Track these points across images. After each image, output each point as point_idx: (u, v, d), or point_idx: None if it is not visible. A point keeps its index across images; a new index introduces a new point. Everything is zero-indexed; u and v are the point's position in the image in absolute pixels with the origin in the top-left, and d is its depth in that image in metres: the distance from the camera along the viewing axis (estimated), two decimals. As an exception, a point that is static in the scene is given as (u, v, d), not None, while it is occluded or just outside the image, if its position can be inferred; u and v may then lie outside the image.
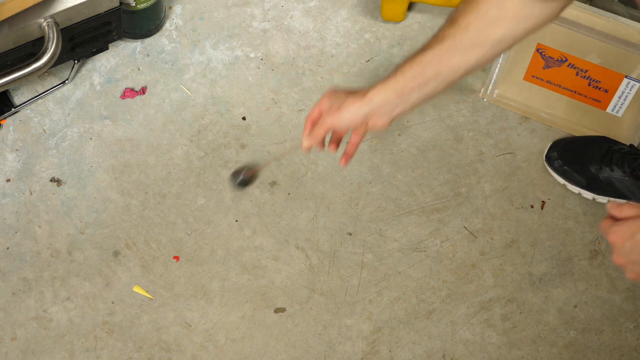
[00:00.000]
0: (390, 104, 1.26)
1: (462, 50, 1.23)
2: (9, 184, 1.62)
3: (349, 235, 1.62)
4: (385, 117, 1.27)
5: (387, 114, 1.27)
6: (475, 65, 1.24)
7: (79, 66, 1.74)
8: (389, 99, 1.26)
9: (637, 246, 1.05)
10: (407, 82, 1.24)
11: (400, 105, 1.26)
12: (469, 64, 1.23)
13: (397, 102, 1.26)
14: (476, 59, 1.23)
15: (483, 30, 1.22)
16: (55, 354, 1.50)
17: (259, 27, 1.81)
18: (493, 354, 1.55)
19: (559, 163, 1.68)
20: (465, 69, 1.23)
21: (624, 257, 1.07)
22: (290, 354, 1.53)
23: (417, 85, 1.24)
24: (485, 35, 1.23)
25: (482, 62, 1.23)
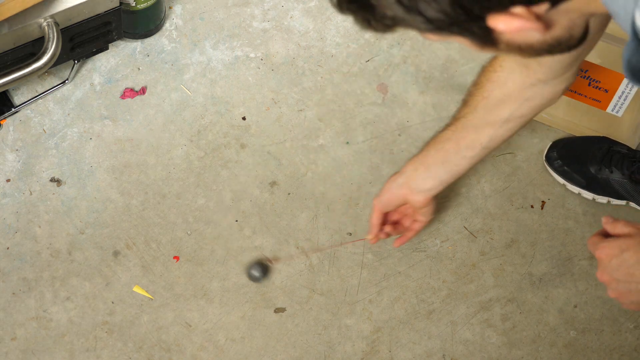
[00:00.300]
0: (419, 175, 1.43)
1: (475, 129, 1.35)
2: (9, 184, 1.62)
3: (349, 235, 1.62)
4: (418, 190, 1.44)
5: (418, 187, 1.44)
6: (490, 143, 1.36)
7: (79, 66, 1.74)
8: (417, 170, 1.42)
9: (624, 264, 1.04)
10: (431, 155, 1.41)
11: (429, 179, 1.43)
12: (484, 141, 1.36)
13: (425, 175, 1.42)
14: (489, 137, 1.35)
15: (490, 110, 1.33)
16: (55, 354, 1.50)
17: (259, 27, 1.82)
18: (493, 354, 1.55)
19: (558, 163, 1.68)
20: (482, 146, 1.36)
21: (608, 275, 1.06)
22: (290, 354, 1.53)
23: (440, 160, 1.40)
24: (493, 114, 1.33)
25: (496, 140, 1.36)
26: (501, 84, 1.30)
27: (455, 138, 1.38)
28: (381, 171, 1.68)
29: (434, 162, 1.41)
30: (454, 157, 1.39)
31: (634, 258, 1.03)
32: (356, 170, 1.68)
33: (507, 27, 0.80)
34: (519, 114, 1.33)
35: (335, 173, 1.68)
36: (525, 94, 1.30)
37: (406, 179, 1.44)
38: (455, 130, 1.37)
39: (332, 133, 1.72)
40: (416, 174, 1.43)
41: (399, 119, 1.74)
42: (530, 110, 1.33)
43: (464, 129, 1.36)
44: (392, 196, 1.47)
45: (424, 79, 1.78)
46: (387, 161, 1.69)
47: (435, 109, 1.75)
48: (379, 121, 1.73)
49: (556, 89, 1.29)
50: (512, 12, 0.80)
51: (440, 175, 1.43)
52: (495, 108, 1.33)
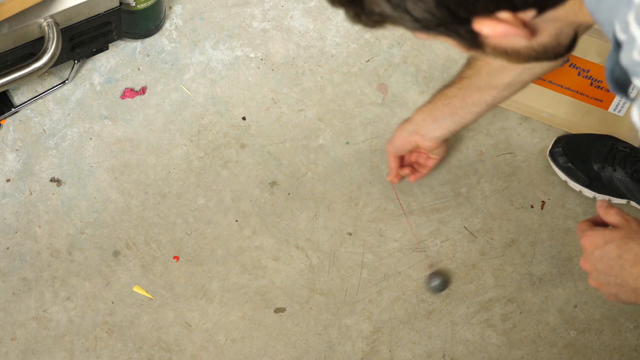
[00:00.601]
0: (428, 125, 1.50)
1: (480, 90, 1.42)
2: (9, 184, 1.62)
3: (349, 235, 1.62)
4: (428, 138, 1.53)
5: (428, 134, 1.52)
6: (494, 101, 1.44)
7: (79, 66, 1.74)
8: (426, 121, 1.50)
9: (606, 256, 1.05)
10: (439, 109, 1.50)
11: (438, 129, 1.51)
12: (488, 100, 1.43)
13: (434, 126, 1.50)
14: (493, 97, 1.43)
15: (493, 75, 1.39)
16: (55, 354, 1.50)
17: (259, 27, 1.81)
18: (493, 354, 1.55)
19: (563, 159, 1.68)
20: (487, 104, 1.44)
21: (590, 264, 1.07)
22: (290, 354, 1.53)
23: (448, 113, 1.47)
24: (496, 79, 1.40)
25: (499, 99, 1.44)
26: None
27: (462, 95, 1.45)
28: (381, 171, 1.68)
29: (442, 114, 1.49)
30: (460, 111, 1.47)
31: (616, 252, 1.04)
32: (356, 170, 1.68)
33: (492, 31, 0.81)
34: (520, 80, 1.39)
35: (335, 173, 1.68)
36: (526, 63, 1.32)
37: (416, 126, 1.52)
38: (461, 87, 1.45)
39: (332, 133, 1.72)
40: (425, 124, 1.51)
41: (399, 119, 1.73)
42: (531, 76, 1.39)
43: (469, 88, 1.44)
44: (403, 142, 1.55)
45: (424, 79, 1.78)
46: (387, 161, 1.69)
47: (435, 108, 1.75)
48: (379, 121, 1.73)
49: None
50: (497, 17, 0.81)
51: (448, 125, 1.50)
52: (498, 73, 1.39)
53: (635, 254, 1.03)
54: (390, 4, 0.81)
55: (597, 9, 0.82)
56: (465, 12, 0.81)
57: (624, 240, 1.04)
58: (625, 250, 1.04)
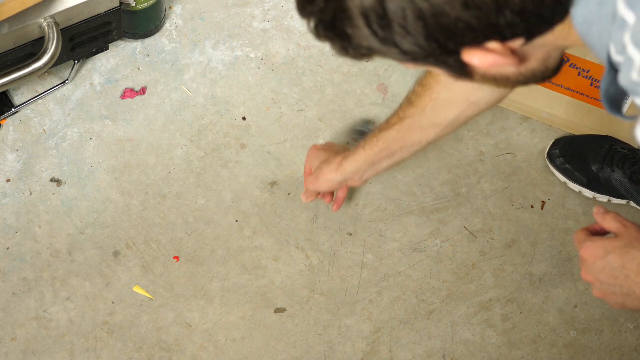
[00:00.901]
0: (361, 171, 1.46)
1: (422, 129, 1.38)
2: (9, 184, 1.62)
3: (349, 235, 1.62)
4: (358, 180, 1.48)
5: (359, 178, 1.47)
6: (435, 139, 1.40)
7: (79, 66, 1.74)
8: (360, 168, 1.45)
9: (608, 267, 1.03)
10: (376, 154, 1.42)
11: (371, 170, 1.46)
12: (429, 138, 1.39)
13: (369, 170, 1.45)
14: (435, 135, 1.39)
15: (437, 112, 1.35)
16: (55, 354, 1.50)
17: (259, 27, 1.81)
18: (493, 354, 1.55)
19: (560, 161, 1.68)
20: (427, 142, 1.40)
21: (592, 275, 1.05)
22: (290, 354, 1.53)
23: (385, 156, 1.43)
24: (440, 116, 1.36)
25: (441, 136, 1.40)
26: (449, 86, 1.32)
27: (401, 137, 1.39)
28: (381, 171, 1.68)
29: (379, 158, 1.43)
30: (399, 152, 1.42)
31: (618, 262, 1.02)
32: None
33: (482, 62, 0.81)
34: (464, 116, 1.35)
35: (335, 173, 1.68)
36: (471, 97, 1.31)
37: (347, 176, 1.46)
38: (401, 129, 1.39)
39: (332, 133, 1.72)
40: (357, 172, 1.45)
41: (399, 119, 1.74)
42: (475, 113, 1.35)
43: (409, 129, 1.38)
44: (330, 187, 1.50)
45: (424, 78, 1.78)
46: (387, 161, 1.69)
47: (435, 108, 1.75)
48: (379, 121, 1.73)
49: (501, 94, 1.31)
50: (486, 47, 0.81)
51: (384, 167, 1.45)
52: (442, 110, 1.34)
53: (639, 262, 1.01)
54: (378, 37, 0.80)
55: (587, 32, 0.82)
56: (454, 44, 0.80)
57: (625, 249, 1.02)
58: (628, 260, 1.01)
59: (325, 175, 1.47)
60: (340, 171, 1.45)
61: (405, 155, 1.43)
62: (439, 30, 0.78)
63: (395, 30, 0.79)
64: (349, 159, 1.45)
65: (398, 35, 0.79)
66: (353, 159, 1.44)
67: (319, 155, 1.51)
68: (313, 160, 1.53)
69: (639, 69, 0.78)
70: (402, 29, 0.79)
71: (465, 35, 0.79)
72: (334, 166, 1.46)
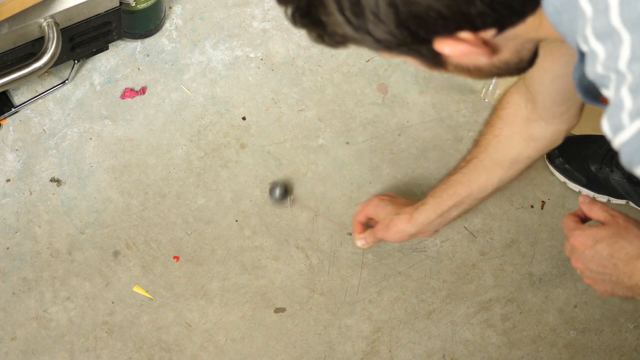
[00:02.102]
0: (432, 223, 1.45)
1: (486, 170, 1.39)
2: (9, 184, 1.62)
3: (349, 235, 1.62)
4: (429, 232, 1.49)
5: (430, 229, 1.47)
6: (499, 185, 1.41)
7: (79, 66, 1.74)
8: (430, 219, 1.45)
9: (597, 256, 1.04)
10: (445, 202, 1.43)
11: (442, 221, 1.46)
12: (494, 183, 1.40)
13: (439, 221, 1.45)
14: (500, 178, 1.40)
15: (499, 150, 1.38)
16: (55, 354, 1.50)
17: (259, 27, 1.82)
18: (493, 354, 1.55)
19: (560, 161, 1.68)
20: (492, 188, 1.41)
21: (582, 264, 1.07)
22: (290, 354, 1.53)
23: (453, 205, 1.43)
24: (502, 153, 1.38)
25: (505, 181, 1.41)
26: (510, 121, 1.35)
27: (467, 180, 1.41)
28: (381, 171, 1.68)
29: (448, 207, 1.44)
30: (466, 200, 1.43)
31: (607, 251, 1.04)
32: (356, 170, 1.68)
33: (453, 51, 0.83)
34: (526, 155, 1.37)
35: (335, 173, 1.68)
36: (530, 132, 1.34)
37: (417, 229, 1.47)
38: (467, 172, 1.41)
39: (332, 133, 1.72)
40: (428, 222, 1.46)
41: (399, 119, 1.74)
42: (536, 152, 1.37)
43: (475, 170, 1.40)
44: (401, 241, 1.51)
45: (424, 79, 1.78)
46: (387, 161, 1.69)
47: (435, 109, 1.75)
48: (379, 121, 1.73)
49: (558, 128, 1.33)
50: (458, 37, 0.82)
51: (452, 216, 1.46)
52: (504, 147, 1.37)
53: (627, 252, 1.02)
54: (352, 25, 0.82)
55: (559, 21, 0.83)
56: (426, 33, 0.82)
57: (613, 239, 1.03)
58: (616, 249, 1.03)
59: (397, 227, 1.48)
60: (412, 222, 1.46)
61: (473, 203, 1.44)
62: (410, 18, 0.80)
63: (368, 17, 0.80)
64: (420, 210, 1.46)
65: (371, 23, 0.81)
66: (423, 209, 1.46)
67: (385, 206, 1.52)
68: (378, 212, 1.52)
69: (602, 62, 0.79)
70: (374, 17, 0.80)
71: (436, 23, 0.80)
72: (405, 217, 1.47)
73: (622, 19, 0.76)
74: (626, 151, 0.80)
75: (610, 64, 0.78)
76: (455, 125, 1.74)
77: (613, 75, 0.79)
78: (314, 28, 0.85)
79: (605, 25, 0.77)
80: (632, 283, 1.03)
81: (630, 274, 1.02)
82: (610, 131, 0.81)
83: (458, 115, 1.75)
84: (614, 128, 0.80)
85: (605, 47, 0.78)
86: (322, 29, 0.84)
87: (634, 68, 0.77)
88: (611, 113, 0.80)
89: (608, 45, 0.78)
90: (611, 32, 0.77)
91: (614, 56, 0.78)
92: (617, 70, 0.78)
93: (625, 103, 0.78)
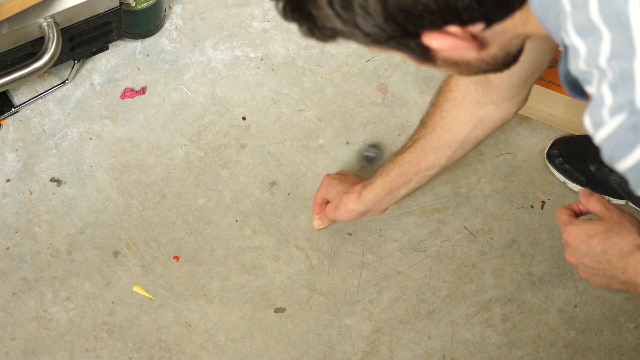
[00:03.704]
0: (381, 200, 1.45)
1: (434, 150, 1.40)
2: (9, 184, 1.62)
3: (349, 235, 1.62)
4: (378, 210, 1.48)
5: (379, 207, 1.47)
6: (447, 163, 1.41)
7: (79, 66, 1.74)
8: (379, 197, 1.45)
9: (591, 251, 1.05)
10: (393, 180, 1.43)
11: (391, 199, 1.46)
12: (442, 162, 1.40)
13: (388, 198, 1.46)
14: (447, 157, 1.40)
15: (447, 131, 1.38)
16: (55, 354, 1.50)
17: (259, 27, 1.82)
18: (493, 354, 1.55)
19: (559, 161, 1.68)
20: (440, 166, 1.41)
21: (576, 258, 1.08)
22: (290, 354, 1.53)
23: (402, 183, 1.43)
24: (450, 135, 1.38)
25: (454, 158, 1.41)
26: (457, 103, 1.35)
27: (415, 160, 1.41)
28: (381, 171, 1.68)
29: (397, 185, 1.44)
30: (415, 177, 1.43)
31: (600, 246, 1.04)
32: (356, 170, 1.68)
33: (441, 45, 0.83)
34: (473, 135, 1.37)
35: (335, 173, 1.68)
36: (479, 115, 1.35)
37: (368, 207, 1.46)
38: (415, 151, 1.41)
39: (332, 133, 1.72)
40: (377, 200, 1.45)
41: (399, 119, 1.74)
42: (483, 132, 1.38)
43: (423, 150, 1.40)
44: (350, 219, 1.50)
45: (424, 79, 1.78)
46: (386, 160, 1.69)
47: (435, 108, 1.75)
48: (379, 121, 1.73)
49: (507, 111, 1.34)
50: (446, 31, 0.83)
51: (402, 194, 1.46)
52: (452, 128, 1.37)
53: (620, 248, 1.03)
54: (341, 19, 0.82)
55: (544, 16, 0.84)
56: (414, 27, 0.82)
57: (607, 234, 1.04)
58: (609, 245, 1.04)
59: (346, 206, 1.47)
60: (361, 201, 1.46)
61: (422, 181, 1.44)
62: (398, 11, 0.80)
63: (357, 11, 0.81)
64: (368, 188, 1.45)
65: (359, 17, 0.82)
66: (372, 187, 1.45)
67: (336, 186, 1.51)
68: (329, 190, 1.52)
69: (584, 58, 0.79)
70: (362, 10, 0.81)
71: (424, 17, 0.81)
72: (354, 196, 1.47)
73: (602, 15, 0.77)
74: (606, 147, 0.81)
75: (592, 60, 0.79)
76: (455, 125, 1.74)
77: (595, 72, 0.79)
78: (304, 22, 0.86)
79: (586, 21, 0.78)
80: (625, 278, 1.04)
81: (623, 270, 1.03)
82: (591, 127, 0.82)
83: (458, 115, 1.75)
84: (594, 124, 0.81)
85: (587, 44, 0.79)
86: (312, 23, 0.85)
87: (613, 64, 0.77)
88: (592, 109, 0.81)
89: (589, 41, 0.78)
90: (591, 28, 0.78)
91: (595, 53, 0.78)
92: (599, 67, 0.79)
93: (605, 99, 0.79)
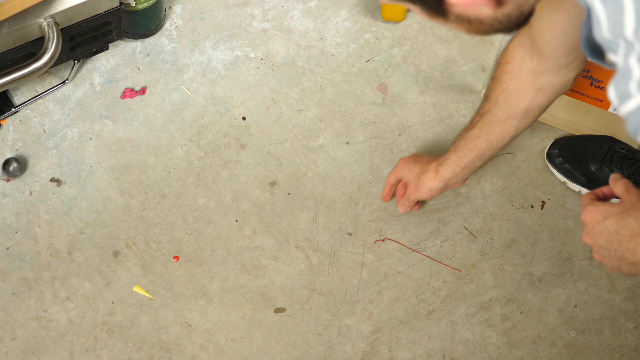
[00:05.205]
0: (458, 175, 1.50)
1: (501, 122, 1.42)
2: (9, 184, 1.62)
3: (349, 235, 1.62)
4: (457, 183, 1.54)
5: (457, 180, 1.53)
6: (516, 132, 1.44)
7: (79, 66, 1.74)
8: (456, 172, 1.50)
9: (605, 232, 1.07)
10: (467, 156, 1.47)
11: (467, 172, 1.50)
12: (511, 132, 1.43)
13: (464, 172, 1.50)
14: (515, 127, 1.43)
15: (510, 103, 1.40)
16: (55, 354, 1.50)
17: (259, 27, 1.82)
18: (493, 354, 1.55)
19: (559, 160, 1.68)
20: (511, 136, 1.44)
21: (591, 239, 1.10)
22: (290, 354, 1.53)
23: (475, 156, 1.47)
24: (513, 106, 1.40)
25: (522, 128, 1.43)
26: (515, 74, 1.36)
27: (485, 134, 1.44)
28: (381, 171, 1.68)
29: (471, 160, 1.48)
30: (487, 151, 1.46)
31: (614, 227, 1.05)
32: (356, 170, 1.68)
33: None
34: (536, 103, 1.38)
35: (335, 173, 1.68)
36: (538, 83, 1.36)
37: (445, 183, 1.52)
38: (482, 126, 1.44)
39: (332, 133, 1.72)
40: (454, 175, 1.50)
41: (399, 119, 1.74)
42: (546, 99, 1.39)
43: (490, 124, 1.43)
44: (432, 196, 1.55)
45: (424, 79, 1.78)
46: (387, 161, 1.69)
47: (435, 109, 1.75)
48: (379, 121, 1.73)
49: (566, 77, 1.34)
50: None
51: (477, 166, 1.50)
52: (514, 99, 1.39)
53: (632, 229, 1.04)
54: None
55: None
56: None
57: (621, 216, 1.05)
58: (622, 226, 1.05)
59: (425, 184, 1.53)
60: (439, 178, 1.51)
61: (494, 152, 1.47)
62: None
63: None
64: (444, 165, 1.50)
65: None
66: (447, 164, 1.50)
67: (412, 167, 1.56)
68: (405, 173, 1.58)
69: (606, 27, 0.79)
70: None
71: None
72: (431, 174, 1.52)
73: None
74: (632, 120, 0.80)
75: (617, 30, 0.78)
76: (455, 125, 1.74)
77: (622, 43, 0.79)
78: None
79: None
80: (635, 259, 1.05)
81: (633, 250, 1.04)
82: (616, 99, 0.81)
83: (458, 115, 1.75)
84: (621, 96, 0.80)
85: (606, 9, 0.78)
86: None
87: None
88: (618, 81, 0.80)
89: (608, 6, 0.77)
90: None
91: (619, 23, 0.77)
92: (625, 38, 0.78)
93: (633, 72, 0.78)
